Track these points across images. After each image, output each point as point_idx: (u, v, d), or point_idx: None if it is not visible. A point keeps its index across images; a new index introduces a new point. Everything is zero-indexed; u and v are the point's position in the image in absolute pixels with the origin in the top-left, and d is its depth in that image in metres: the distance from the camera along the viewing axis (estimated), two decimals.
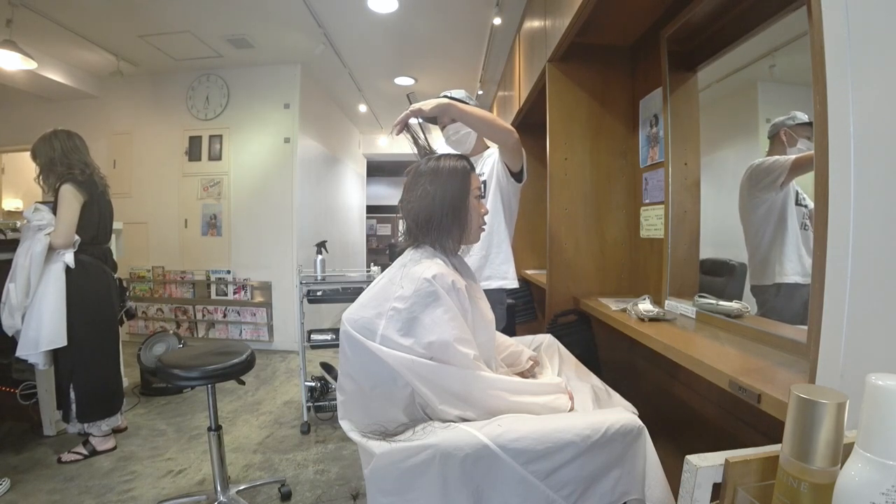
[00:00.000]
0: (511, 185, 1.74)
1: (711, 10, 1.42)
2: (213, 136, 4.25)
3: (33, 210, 2.05)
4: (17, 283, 1.97)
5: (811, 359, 0.72)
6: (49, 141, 2.15)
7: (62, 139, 2.16)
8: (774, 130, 1.35)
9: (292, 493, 1.86)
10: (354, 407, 1.03)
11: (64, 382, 2.16)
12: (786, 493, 0.44)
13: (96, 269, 2.21)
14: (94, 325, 2.19)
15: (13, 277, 1.99)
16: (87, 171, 2.18)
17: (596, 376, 1.29)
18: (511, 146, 1.61)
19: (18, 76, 3.74)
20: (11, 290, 1.97)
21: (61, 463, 2.09)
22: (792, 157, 1.31)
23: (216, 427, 1.68)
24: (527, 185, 1.79)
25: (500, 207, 1.75)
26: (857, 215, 0.63)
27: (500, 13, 2.99)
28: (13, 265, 2.01)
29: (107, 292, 2.26)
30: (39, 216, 2.03)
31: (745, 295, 1.44)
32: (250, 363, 1.69)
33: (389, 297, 1.02)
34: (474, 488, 0.88)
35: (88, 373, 2.17)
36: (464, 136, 1.78)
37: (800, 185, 1.35)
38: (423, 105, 1.55)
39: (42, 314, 1.99)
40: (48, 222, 2.03)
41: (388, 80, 4.57)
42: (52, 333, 2.00)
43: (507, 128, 1.58)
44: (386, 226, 9.92)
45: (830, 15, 0.67)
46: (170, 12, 3.21)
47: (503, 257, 1.75)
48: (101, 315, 2.23)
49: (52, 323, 2.00)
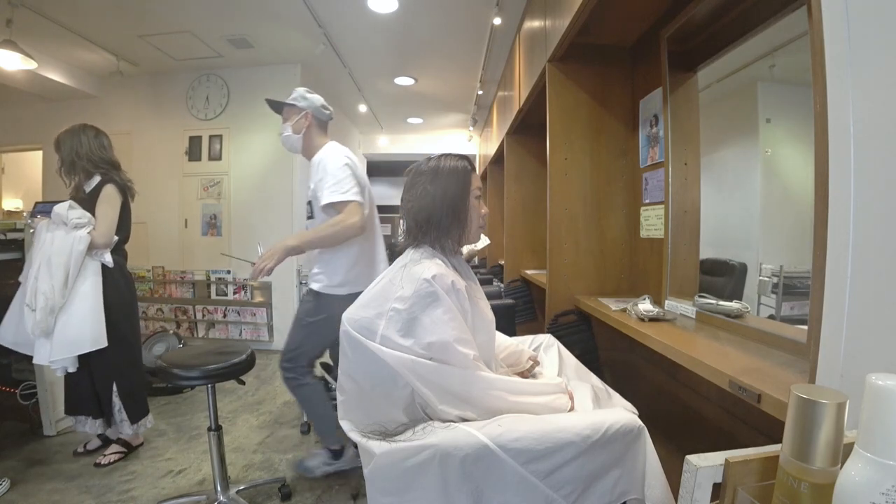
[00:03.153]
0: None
1: (711, 10, 1.42)
2: (213, 136, 4.25)
3: (68, 207, 1.95)
4: (55, 281, 1.85)
5: (811, 359, 0.72)
6: (77, 135, 2.10)
7: (90, 136, 2.12)
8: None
9: (292, 493, 1.86)
10: (354, 407, 1.03)
11: (105, 386, 2.08)
12: (786, 493, 0.44)
13: (127, 270, 2.22)
14: (131, 324, 2.19)
15: (48, 275, 1.86)
16: (118, 172, 2.17)
17: (596, 376, 1.29)
18: (349, 236, 1.73)
19: (18, 76, 3.74)
20: (47, 290, 1.84)
21: (100, 466, 2.06)
22: None
23: (216, 427, 1.68)
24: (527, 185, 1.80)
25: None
26: (857, 215, 0.63)
27: (500, 13, 2.99)
28: (36, 264, 1.89)
29: (135, 292, 2.28)
30: (78, 214, 1.95)
31: (745, 295, 1.44)
32: (250, 363, 1.69)
33: (389, 297, 1.02)
34: (474, 488, 0.88)
35: (133, 372, 2.16)
36: (285, 139, 1.92)
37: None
38: (270, 263, 1.78)
39: (84, 314, 1.92)
40: (88, 220, 1.98)
41: (388, 80, 4.57)
42: (95, 333, 1.93)
43: (343, 230, 1.69)
44: (386, 226, 9.89)
45: (830, 15, 0.67)
46: (170, 12, 3.21)
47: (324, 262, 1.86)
48: (135, 314, 2.25)
49: (95, 323, 1.94)
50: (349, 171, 1.76)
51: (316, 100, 1.89)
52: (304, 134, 1.88)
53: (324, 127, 1.94)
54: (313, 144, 1.89)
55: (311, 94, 1.91)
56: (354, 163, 1.83)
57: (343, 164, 1.77)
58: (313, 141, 1.89)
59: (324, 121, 1.93)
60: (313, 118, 1.88)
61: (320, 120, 1.91)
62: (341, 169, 1.75)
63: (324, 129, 1.94)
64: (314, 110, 1.88)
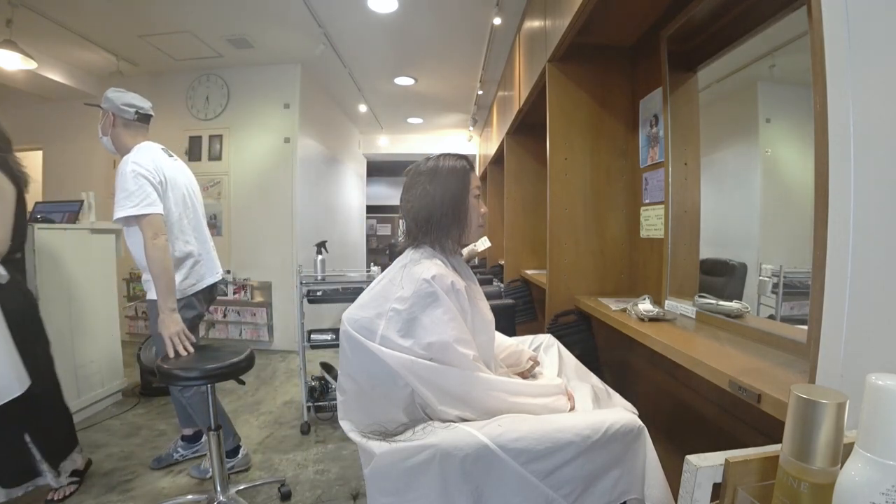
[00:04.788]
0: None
1: (711, 10, 1.42)
2: (213, 136, 4.25)
3: None
4: None
5: (811, 359, 0.72)
6: None
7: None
8: None
9: (292, 493, 1.86)
10: (354, 407, 1.03)
11: (18, 433, 1.70)
12: (786, 493, 0.44)
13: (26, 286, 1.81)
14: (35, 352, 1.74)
15: None
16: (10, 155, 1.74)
17: (596, 376, 1.29)
18: (166, 249, 1.74)
19: (18, 76, 3.74)
20: None
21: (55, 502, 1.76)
22: None
23: (216, 427, 1.68)
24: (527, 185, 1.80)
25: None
26: (857, 215, 0.63)
27: (500, 13, 2.99)
28: None
29: (38, 310, 1.84)
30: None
31: (745, 295, 1.44)
32: (250, 362, 1.68)
33: (389, 297, 1.02)
34: (474, 488, 0.89)
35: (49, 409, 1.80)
36: (101, 141, 1.89)
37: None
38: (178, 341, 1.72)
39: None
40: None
41: (388, 80, 4.57)
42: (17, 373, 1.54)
43: (159, 256, 1.69)
44: (386, 226, 9.92)
45: (830, 15, 0.67)
46: (170, 12, 3.21)
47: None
48: (43, 339, 1.83)
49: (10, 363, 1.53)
50: (141, 179, 1.70)
51: (117, 98, 1.80)
52: (111, 135, 1.83)
53: (132, 126, 1.84)
54: (122, 145, 1.83)
55: (117, 92, 1.82)
56: (148, 168, 1.74)
57: (132, 174, 1.69)
58: (121, 141, 1.83)
59: (130, 120, 1.82)
60: (116, 118, 1.81)
61: (125, 119, 1.82)
62: (132, 180, 1.68)
63: (134, 129, 1.85)
64: (115, 109, 1.80)
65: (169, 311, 1.71)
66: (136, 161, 1.73)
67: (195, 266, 1.92)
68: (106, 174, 4.12)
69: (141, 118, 1.86)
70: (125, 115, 1.82)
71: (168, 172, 1.83)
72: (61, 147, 4.51)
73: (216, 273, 2.03)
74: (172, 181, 1.85)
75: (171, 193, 1.83)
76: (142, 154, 1.78)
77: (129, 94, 1.85)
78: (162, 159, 1.84)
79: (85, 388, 2.57)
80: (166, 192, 1.81)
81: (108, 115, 1.82)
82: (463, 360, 0.97)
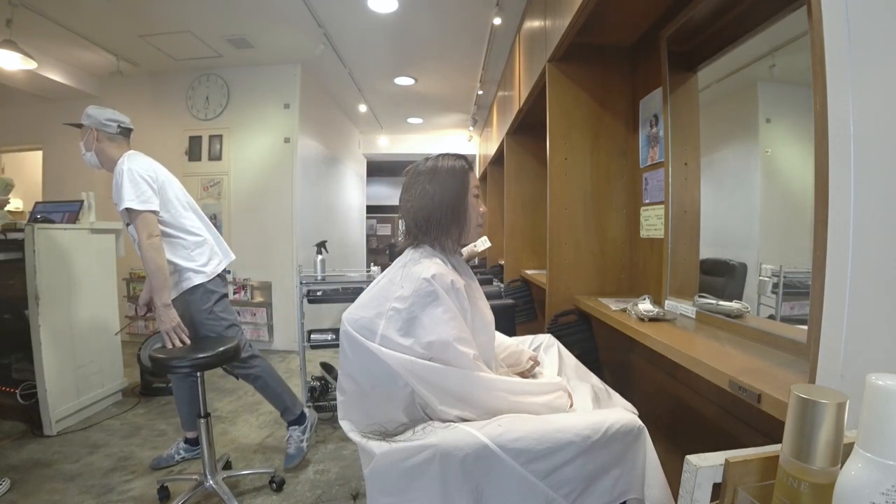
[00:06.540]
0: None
1: (711, 10, 1.42)
2: (213, 136, 4.25)
3: None
4: None
5: (811, 359, 0.72)
6: None
7: None
8: None
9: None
10: (354, 407, 1.03)
11: None
12: (786, 493, 0.44)
13: None
14: None
15: None
16: None
17: (596, 376, 1.29)
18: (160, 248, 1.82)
19: (18, 76, 3.74)
20: None
21: None
22: None
23: (205, 414, 1.77)
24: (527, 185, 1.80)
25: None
26: (857, 215, 0.63)
27: (500, 13, 2.99)
28: None
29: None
30: None
31: (745, 295, 1.44)
32: (237, 351, 1.78)
33: (389, 297, 1.02)
34: (474, 488, 0.89)
35: None
36: (84, 157, 1.94)
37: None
38: (174, 335, 1.83)
39: None
40: None
41: (388, 80, 4.57)
42: None
43: (153, 252, 1.78)
44: (386, 226, 9.92)
45: (830, 15, 0.67)
46: (170, 12, 3.21)
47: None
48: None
49: None
50: (138, 178, 1.80)
51: (99, 114, 1.88)
52: (95, 149, 1.89)
53: (116, 140, 1.92)
54: (108, 158, 1.89)
55: (97, 109, 1.91)
56: (144, 167, 1.85)
57: (129, 172, 1.79)
58: (107, 154, 1.89)
59: (112, 133, 1.91)
60: (99, 133, 1.88)
61: (108, 133, 1.90)
62: (128, 179, 1.78)
63: (117, 142, 1.93)
64: (98, 125, 1.87)
65: (164, 307, 1.79)
66: (131, 164, 1.83)
67: (213, 249, 2.03)
68: (106, 174, 4.11)
69: (123, 132, 1.95)
70: (108, 130, 1.90)
71: (162, 174, 1.94)
72: (61, 147, 4.50)
73: (230, 256, 2.14)
74: (168, 180, 1.96)
75: (170, 188, 1.93)
76: (135, 158, 1.87)
77: (108, 110, 1.94)
78: (154, 162, 1.95)
79: (85, 388, 2.57)
80: (164, 189, 1.90)
81: (92, 131, 1.88)
82: (463, 358, 0.97)
